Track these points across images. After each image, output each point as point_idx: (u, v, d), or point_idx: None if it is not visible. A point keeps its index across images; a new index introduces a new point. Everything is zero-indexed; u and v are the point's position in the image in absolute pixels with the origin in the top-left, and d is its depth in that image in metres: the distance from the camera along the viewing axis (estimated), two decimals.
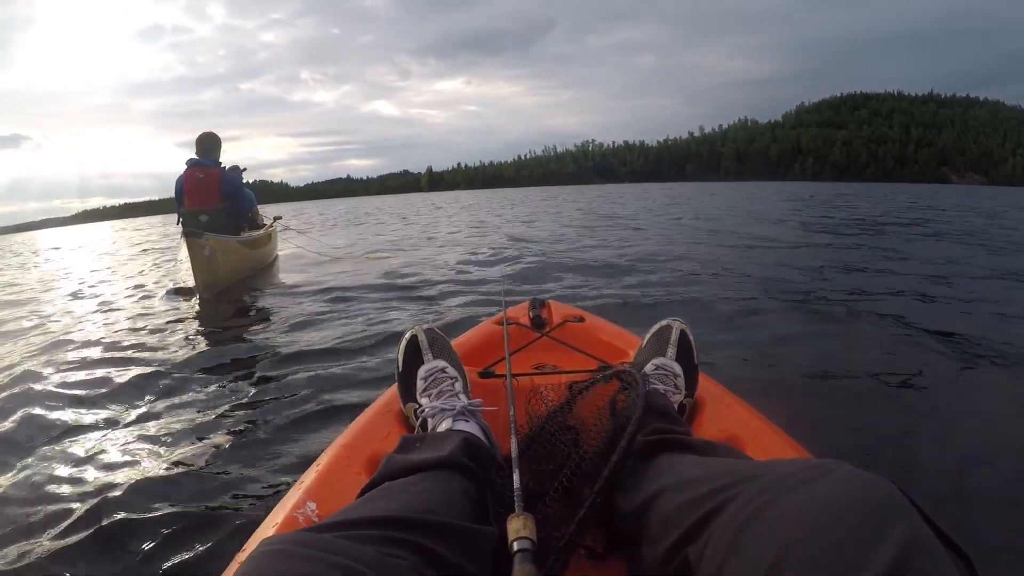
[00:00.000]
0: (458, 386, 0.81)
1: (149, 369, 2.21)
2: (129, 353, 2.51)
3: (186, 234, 3.64)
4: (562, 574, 0.55)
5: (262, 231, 4.92)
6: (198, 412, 1.75)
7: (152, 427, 1.65)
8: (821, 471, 0.39)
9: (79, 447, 1.53)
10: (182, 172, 4.06)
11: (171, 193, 4.25)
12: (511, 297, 3.07)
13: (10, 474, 1.41)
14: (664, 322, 0.91)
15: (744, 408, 0.87)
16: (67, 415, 1.78)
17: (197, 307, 3.52)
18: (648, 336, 0.91)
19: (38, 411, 1.82)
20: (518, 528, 0.48)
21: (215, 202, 4.02)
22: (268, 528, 0.65)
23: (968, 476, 1.15)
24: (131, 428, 1.66)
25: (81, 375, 2.23)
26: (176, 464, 1.40)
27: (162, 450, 1.49)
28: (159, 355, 2.44)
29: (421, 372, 0.83)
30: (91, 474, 1.38)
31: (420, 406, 0.80)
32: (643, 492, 0.55)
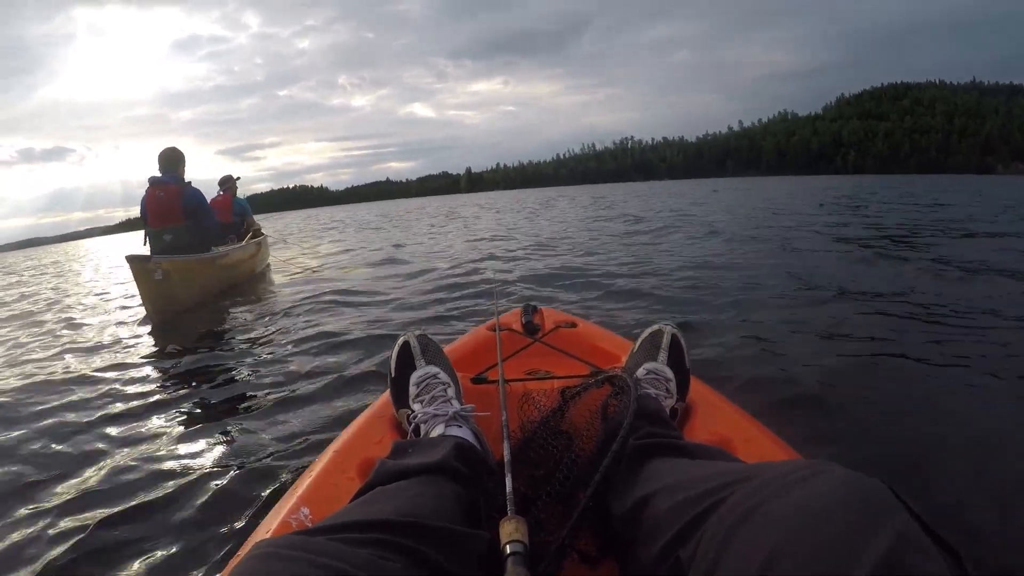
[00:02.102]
0: (450, 392, 0.85)
1: (133, 385, 2.31)
2: (112, 367, 2.63)
3: (129, 259, 3.59)
4: None
5: (244, 243, 5.06)
6: (186, 423, 1.82)
7: (140, 439, 1.71)
8: (812, 472, 0.41)
9: (72, 460, 1.60)
10: (145, 191, 4.06)
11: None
12: (505, 299, 3.13)
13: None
14: (655, 327, 0.94)
15: (736, 412, 0.91)
16: (57, 429, 1.86)
17: (171, 325, 3.51)
18: (640, 341, 0.95)
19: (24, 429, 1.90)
20: (510, 531, 0.51)
21: (178, 220, 4.02)
22: (261, 533, 0.68)
23: (961, 477, 1.18)
24: (118, 438, 1.73)
25: (72, 386, 2.32)
26: (168, 473, 1.46)
27: (152, 459, 1.55)
28: (142, 371, 2.55)
29: (413, 378, 0.87)
30: (85, 484, 1.44)
31: (413, 412, 0.84)
32: (635, 495, 0.58)
